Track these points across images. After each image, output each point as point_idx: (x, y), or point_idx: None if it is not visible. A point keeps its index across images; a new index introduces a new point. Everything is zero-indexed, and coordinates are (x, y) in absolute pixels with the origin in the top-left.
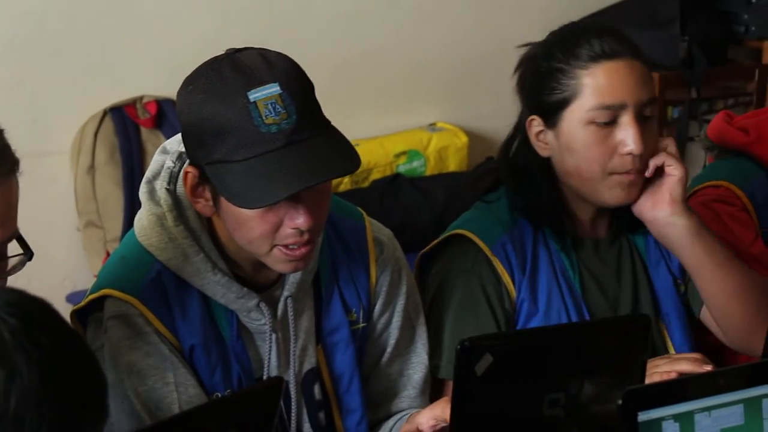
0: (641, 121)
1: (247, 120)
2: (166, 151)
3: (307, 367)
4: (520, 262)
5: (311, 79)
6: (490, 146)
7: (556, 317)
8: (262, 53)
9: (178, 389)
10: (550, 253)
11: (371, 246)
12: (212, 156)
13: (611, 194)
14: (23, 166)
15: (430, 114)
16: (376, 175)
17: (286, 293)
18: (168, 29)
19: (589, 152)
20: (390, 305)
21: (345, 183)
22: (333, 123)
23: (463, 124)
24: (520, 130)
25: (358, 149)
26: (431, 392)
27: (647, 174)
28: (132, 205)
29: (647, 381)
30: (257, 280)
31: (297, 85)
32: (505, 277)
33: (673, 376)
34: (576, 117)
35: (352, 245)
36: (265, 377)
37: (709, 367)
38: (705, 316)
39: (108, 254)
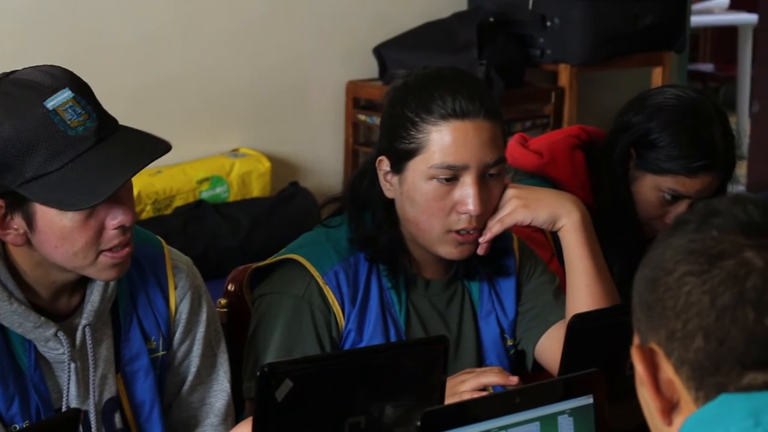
0: (484, 180)
1: (52, 128)
2: None
3: (107, 396)
4: (351, 292)
5: (111, 105)
6: (293, 171)
7: None
8: (36, 68)
9: None
10: (381, 288)
11: (170, 274)
12: (24, 175)
13: (444, 249)
14: None
15: (232, 140)
16: (179, 202)
17: (84, 322)
18: None
19: (428, 206)
20: (190, 333)
21: (147, 210)
22: None
23: (265, 150)
24: (371, 164)
25: (160, 176)
26: (247, 415)
27: (480, 252)
28: None
29: (456, 398)
30: (55, 309)
31: (83, 87)
32: (335, 306)
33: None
34: (419, 170)
35: (151, 273)
36: (64, 407)
37: (515, 379)
38: (541, 351)
39: None
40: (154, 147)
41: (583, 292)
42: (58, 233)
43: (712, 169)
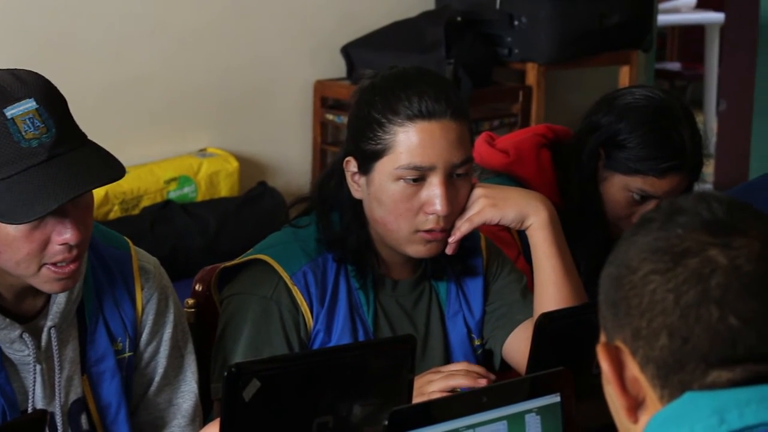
0: (451, 181)
1: (6, 137)
2: None
3: (73, 397)
4: (320, 293)
5: (78, 105)
6: (262, 171)
7: None
8: (12, 72)
9: None
10: (349, 289)
11: (137, 275)
12: None
13: (413, 249)
14: None
15: (200, 140)
16: (146, 202)
17: (49, 323)
18: None
19: (395, 207)
20: (157, 334)
21: (115, 211)
22: None
23: (233, 150)
24: (339, 164)
25: (127, 176)
26: (216, 416)
27: (449, 251)
28: None
29: (424, 398)
30: (20, 310)
31: (52, 99)
32: (304, 307)
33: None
34: (386, 171)
35: (117, 274)
36: (30, 409)
37: (484, 382)
38: (509, 350)
39: None
40: (106, 171)
41: (551, 290)
42: (3, 240)
43: (680, 170)
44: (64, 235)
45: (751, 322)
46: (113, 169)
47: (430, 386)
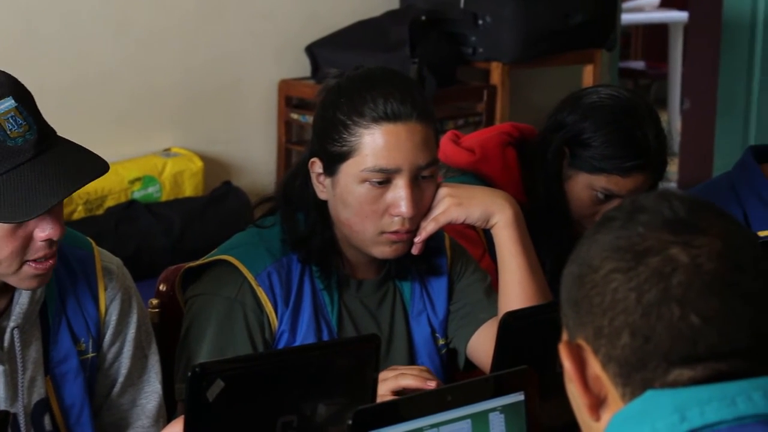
0: (416, 182)
1: None
2: None
3: (36, 398)
4: (284, 293)
5: (41, 104)
6: (226, 170)
7: None
8: None
9: None
10: (314, 289)
11: (100, 275)
12: None
13: (378, 250)
14: None
15: (164, 139)
16: (110, 202)
17: (12, 324)
18: None
19: (361, 209)
20: (120, 335)
21: (79, 211)
22: None
23: (198, 149)
24: (304, 164)
25: None
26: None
27: (415, 251)
28: None
29: (380, 396)
30: None
31: (27, 97)
32: (268, 307)
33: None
34: (352, 173)
35: (80, 275)
36: None
37: (433, 383)
38: (473, 349)
39: None
40: (92, 166)
41: (516, 289)
42: None
43: (644, 169)
44: (46, 230)
45: (712, 321)
46: (98, 163)
47: (381, 385)
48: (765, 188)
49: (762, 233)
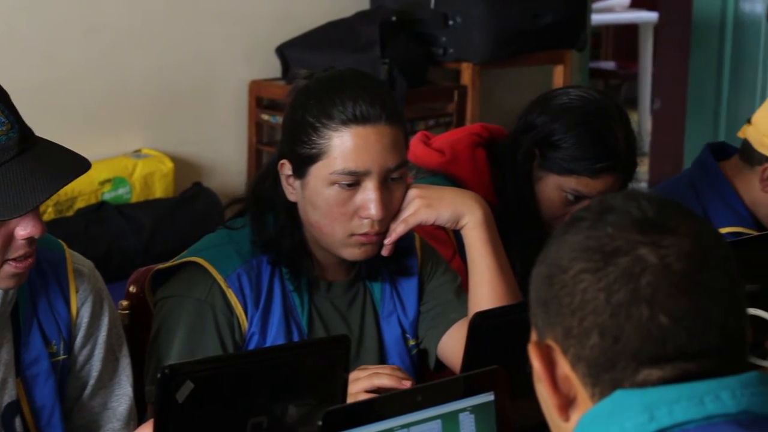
0: (386, 185)
1: None
2: None
3: (6, 400)
4: (254, 295)
5: None
6: (197, 172)
7: None
8: None
9: None
10: (284, 291)
11: (71, 278)
12: None
13: (348, 252)
14: None
15: (134, 140)
16: (80, 204)
17: None
18: None
19: (330, 211)
20: (92, 337)
21: (49, 212)
22: None
23: (168, 150)
24: (273, 166)
25: None
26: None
27: (385, 253)
28: None
29: (351, 398)
30: None
31: (4, 96)
32: (238, 309)
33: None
34: (321, 175)
35: (52, 277)
36: None
37: (408, 383)
38: (444, 349)
39: None
40: (75, 164)
41: (486, 289)
42: None
43: (614, 171)
44: (28, 229)
45: (681, 321)
46: (79, 161)
47: (354, 385)
48: (724, 185)
49: (722, 230)
